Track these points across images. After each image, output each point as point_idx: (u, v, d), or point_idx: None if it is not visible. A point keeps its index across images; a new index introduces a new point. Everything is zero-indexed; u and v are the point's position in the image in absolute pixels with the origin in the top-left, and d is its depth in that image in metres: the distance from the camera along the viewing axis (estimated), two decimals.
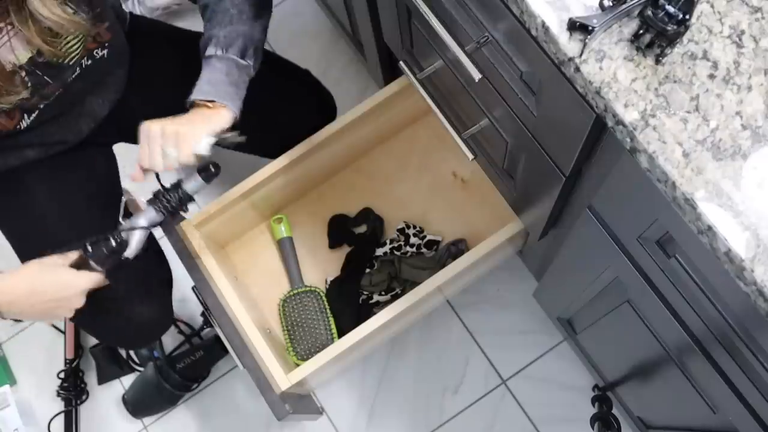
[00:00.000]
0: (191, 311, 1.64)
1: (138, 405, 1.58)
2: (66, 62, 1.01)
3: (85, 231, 1.06)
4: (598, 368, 1.37)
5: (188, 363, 1.55)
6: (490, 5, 0.78)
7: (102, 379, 1.63)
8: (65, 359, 1.62)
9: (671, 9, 0.63)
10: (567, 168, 0.86)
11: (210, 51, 1.05)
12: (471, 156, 1.11)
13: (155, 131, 1.00)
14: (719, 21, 0.65)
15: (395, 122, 1.46)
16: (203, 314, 1.58)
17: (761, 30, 0.64)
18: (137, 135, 1.06)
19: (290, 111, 1.30)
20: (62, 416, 1.60)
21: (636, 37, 0.65)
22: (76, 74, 1.06)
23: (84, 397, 1.62)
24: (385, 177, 1.50)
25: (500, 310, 1.57)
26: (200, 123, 1.03)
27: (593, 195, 0.86)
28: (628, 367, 1.18)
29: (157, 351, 1.56)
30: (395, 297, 1.38)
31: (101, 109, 1.18)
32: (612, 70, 0.65)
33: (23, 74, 0.98)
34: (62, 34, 0.96)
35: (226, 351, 1.57)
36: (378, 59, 1.42)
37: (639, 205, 0.77)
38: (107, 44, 1.07)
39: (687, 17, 0.63)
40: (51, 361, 1.64)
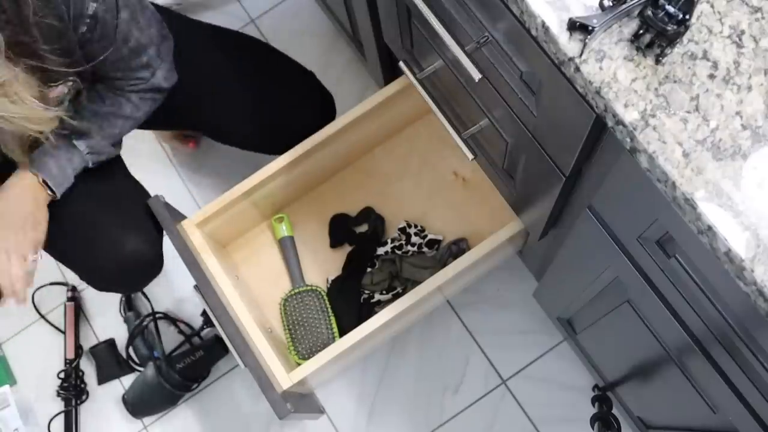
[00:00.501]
0: (191, 311, 1.64)
1: (138, 405, 1.58)
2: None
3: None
4: (598, 368, 1.37)
5: (188, 363, 1.55)
6: (490, 5, 0.78)
7: (102, 379, 1.63)
8: (65, 359, 1.62)
9: (671, 9, 0.63)
10: (567, 168, 0.86)
11: (81, 145, 1.14)
12: (471, 156, 1.11)
13: None
14: (719, 21, 0.65)
15: (395, 122, 1.46)
16: (203, 314, 1.58)
17: (761, 30, 0.64)
18: None
19: (292, 109, 1.31)
20: (62, 416, 1.60)
21: (636, 37, 0.65)
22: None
23: (84, 397, 1.62)
24: (386, 176, 1.50)
25: (500, 310, 1.57)
26: (24, 235, 1.13)
27: (593, 195, 0.86)
28: (628, 367, 1.18)
29: (157, 351, 1.56)
30: (396, 296, 1.38)
31: None
32: (612, 70, 0.65)
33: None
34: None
35: (227, 351, 1.57)
36: (378, 59, 1.42)
37: (639, 205, 0.77)
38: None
39: (687, 17, 0.63)
40: (51, 361, 1.64)
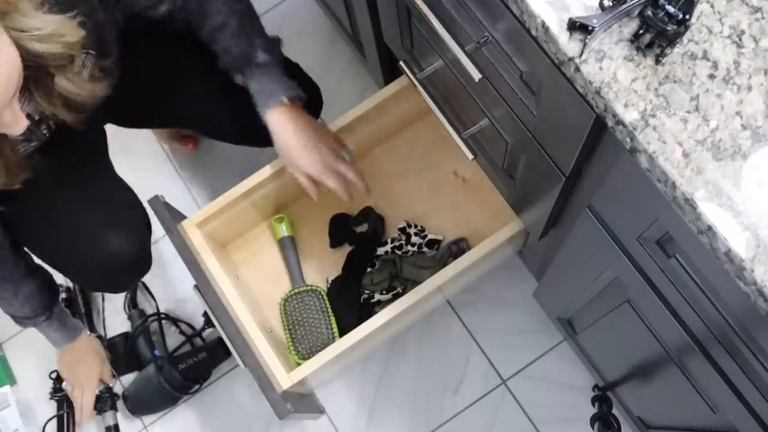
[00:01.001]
0: (192, 311, 1.64)
1: (137, 403, 1.58)
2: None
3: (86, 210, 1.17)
4: (598, 368, 1.37)
5: (190, 364, 1.55)
6: (490, 5, 0.78)
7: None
8: None
9: (671, 9, 0.63)
10: (567, 168, 0.86)
11: (262, 58, 1.12)
12: (471, 156, 1.11)
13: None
14: (719, 21, 0.65)
15: (396, 122, 1.46)
16: (205, 314, 1.58)
17: (761, 30, 0.64)
18: (126, 119, 1.28)
19: None
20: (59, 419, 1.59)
21: (636, 37, 0.65)
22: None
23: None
24: (386, 176, 1.49)
25: (500, 310, 1.57)
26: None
27: (593, 195, 0.86)
28: (628, 367, 1.18)
29: (160, 350, 1.56)
30: (396, 296, 1.38)
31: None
32: (612, 70, 0.65)
33: (51, 122, 1.02)
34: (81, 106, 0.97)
35: (229, 353, 1.57)
36: (378, 59, 1.42)
37: (639, 205, 0.77)
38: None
39: (687, 17, 0.63)
40: (51, 361, 1.64)
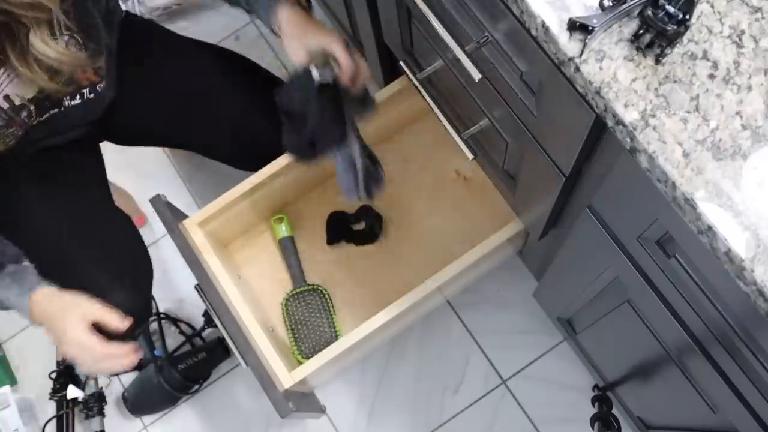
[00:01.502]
0: (192, 311, 1.64)
1: (137, 403, 1.58)
2: (66, 100, 1.03)
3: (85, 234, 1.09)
4: (598, 368, 1.37)
5: (190, 364, 1.55)
6: (490, 5, 0.78)
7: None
8: (57, 361, 1.61)
9: (671, 9, 0.63)
10: (567, 168, 0.86)
11: None
12: (471, 156, 1.11)
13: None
14: (719, 21, 0.65)
15: (396, 121, 1.46)
16: (205, 314, 1.58)
17: (761, 30, 0.64)
18: (122, 136, 1.26)
19: (266, 123, 1.24)
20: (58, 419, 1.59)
21: (636, 37, 0.65)
22: (76, 102, 1.06)
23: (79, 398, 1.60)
24: (387, 176, 1.49)
25: (500, 310, 1.57)
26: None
27: (593, 195, 0.86)
28: (628, 367, 1.18)
29: (160, 350, 1.56)
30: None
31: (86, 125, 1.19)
32: (612, 70, 0.65)
33: (32, 108, 0.99)
34: (61, 72, 0.96)
35: (229, 353, 1.58)
36: (378, 59, 1.42)
37: (639, 205, 0.77)
38: (103, 76, 1.08)
39: (687, 17, 0.63)
40: (51, 361, 1.64)
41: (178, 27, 1.41)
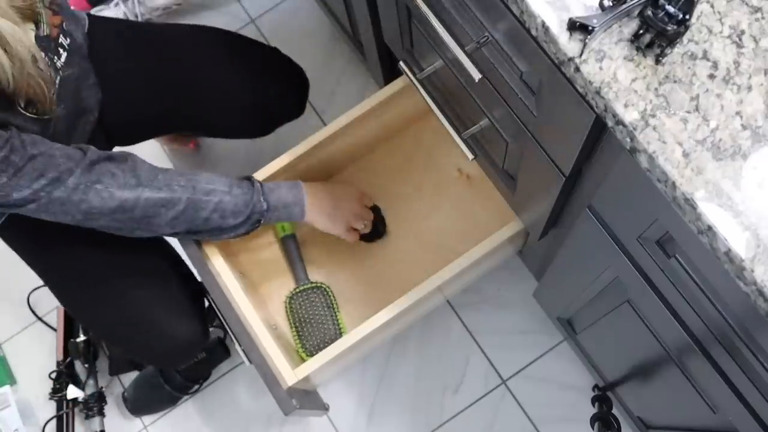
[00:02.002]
0: None
1: (137, 403, 1.58)
2: (45, 29, 1.02)
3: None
4: (598, 368, 1.37)
5: (190, 364, 1.54)
6: (490, 5, 0.78)
7: (114, 371, 1.61)
8: (57, 361, 1.61)
9: (671, 9, 0.63)
10: (567, 168, 0.86)
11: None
12: (471, 156, 1.11)
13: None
14: (719, 21, 0.65)
15: (397, 121, 1.46)
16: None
17: (761, 30, 0.64)
18: (127, 133, 1.29)
19: (264, 88, 1.31)
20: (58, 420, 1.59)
21: (636, 37, 0.65)
22: (64, 57, 1.06)
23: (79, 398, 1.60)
24: (390, 174, 1.50)
25: (500, 310, 1.57)
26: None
27: (593, 195, 0.86)
28: (628, 367, 1.18)
29: None
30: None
31: (94, 103, 1.19)
32: (612, 70, 0.65)
33: (42, 54, 0.99)
34: None
35: (229, 353, 1.58)
36: (378, 59, 1.42)
37: (639, 205, 0.77)
38: (64, 18, 1.08)
39: (687, 17, 0.63)
40: (51, 361, 1.64)
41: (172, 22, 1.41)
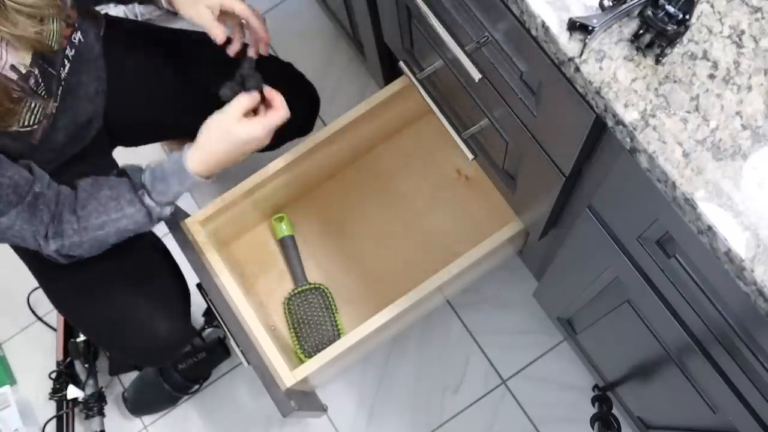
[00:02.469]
0: (193, 311, 1.63)
1: (137, 403, 1.58)
2: (54, 47, 1.02)
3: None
4: (598, 368, 1.37)
5: (190, 364, 1.55)
6: (490, 5, 0.78)
7: (114, 371, 1.60)
8: (57, 361, 1.61)
9: (671, 9, 0.63)
10: (567, 168, 0.86)
11: None
12: (471, 156, 1.11)
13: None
14: (719, 21, 0.65)
15: (397, 121, 1.46)
16: (205, 314, 1.58)
17: (761, 30, 0.64)
18: (128, 138, 1.29)
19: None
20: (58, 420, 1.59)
21: (636, 37, 0.65)
22: (68, 68, 1.06)
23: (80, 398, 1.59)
24: (389, 174, 1.50)
25: (500, 310, 1.57)
26: None
27: (593, 195, 0.86)
28: (628, 367, 1.18)
29: None
30: None
31: (98, 105, 1.19)
32: (612, 70, 0.65)
33: (36, 72, 0.99)
34: (42, 19, 0.97)
35: (229, 353, 1.58)
36: (378, 59, 1.42)
37: (639, 205, 0.77)
38: (78, 26, 1.08)
39: (687, 17, 0.63)
40: (51, 361, 1.64)
41: (178, 27, 1.40)
